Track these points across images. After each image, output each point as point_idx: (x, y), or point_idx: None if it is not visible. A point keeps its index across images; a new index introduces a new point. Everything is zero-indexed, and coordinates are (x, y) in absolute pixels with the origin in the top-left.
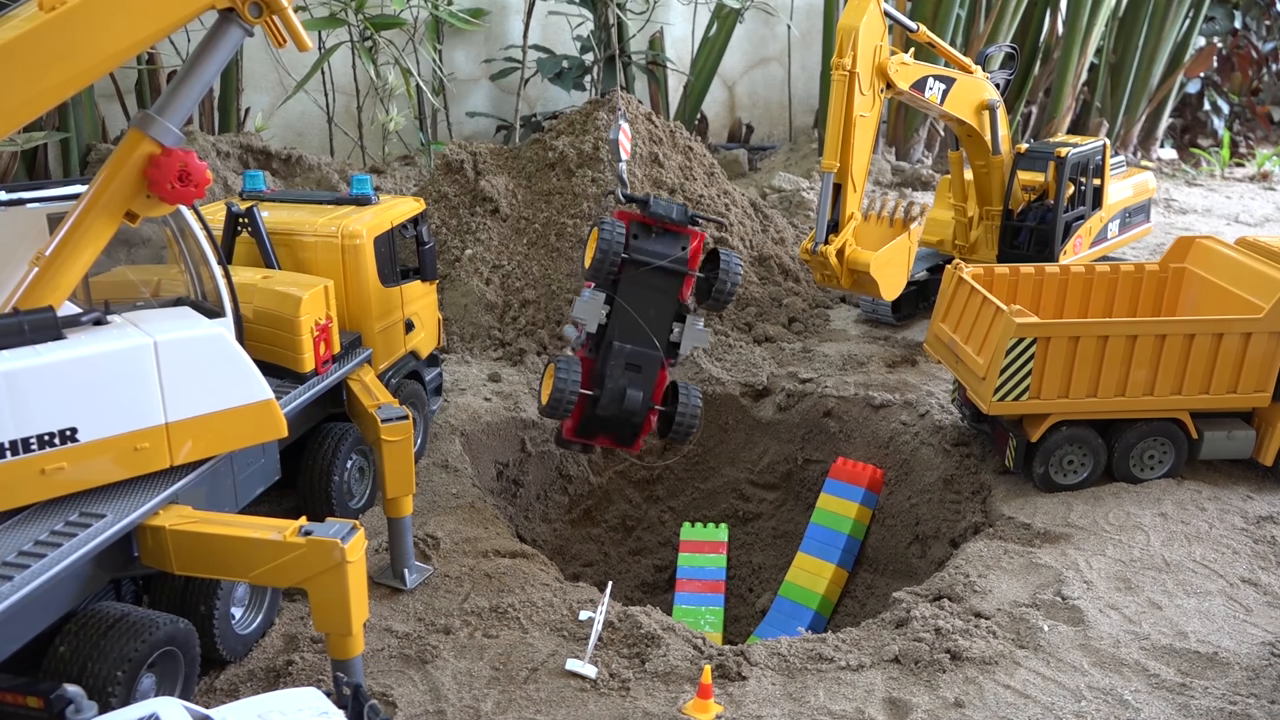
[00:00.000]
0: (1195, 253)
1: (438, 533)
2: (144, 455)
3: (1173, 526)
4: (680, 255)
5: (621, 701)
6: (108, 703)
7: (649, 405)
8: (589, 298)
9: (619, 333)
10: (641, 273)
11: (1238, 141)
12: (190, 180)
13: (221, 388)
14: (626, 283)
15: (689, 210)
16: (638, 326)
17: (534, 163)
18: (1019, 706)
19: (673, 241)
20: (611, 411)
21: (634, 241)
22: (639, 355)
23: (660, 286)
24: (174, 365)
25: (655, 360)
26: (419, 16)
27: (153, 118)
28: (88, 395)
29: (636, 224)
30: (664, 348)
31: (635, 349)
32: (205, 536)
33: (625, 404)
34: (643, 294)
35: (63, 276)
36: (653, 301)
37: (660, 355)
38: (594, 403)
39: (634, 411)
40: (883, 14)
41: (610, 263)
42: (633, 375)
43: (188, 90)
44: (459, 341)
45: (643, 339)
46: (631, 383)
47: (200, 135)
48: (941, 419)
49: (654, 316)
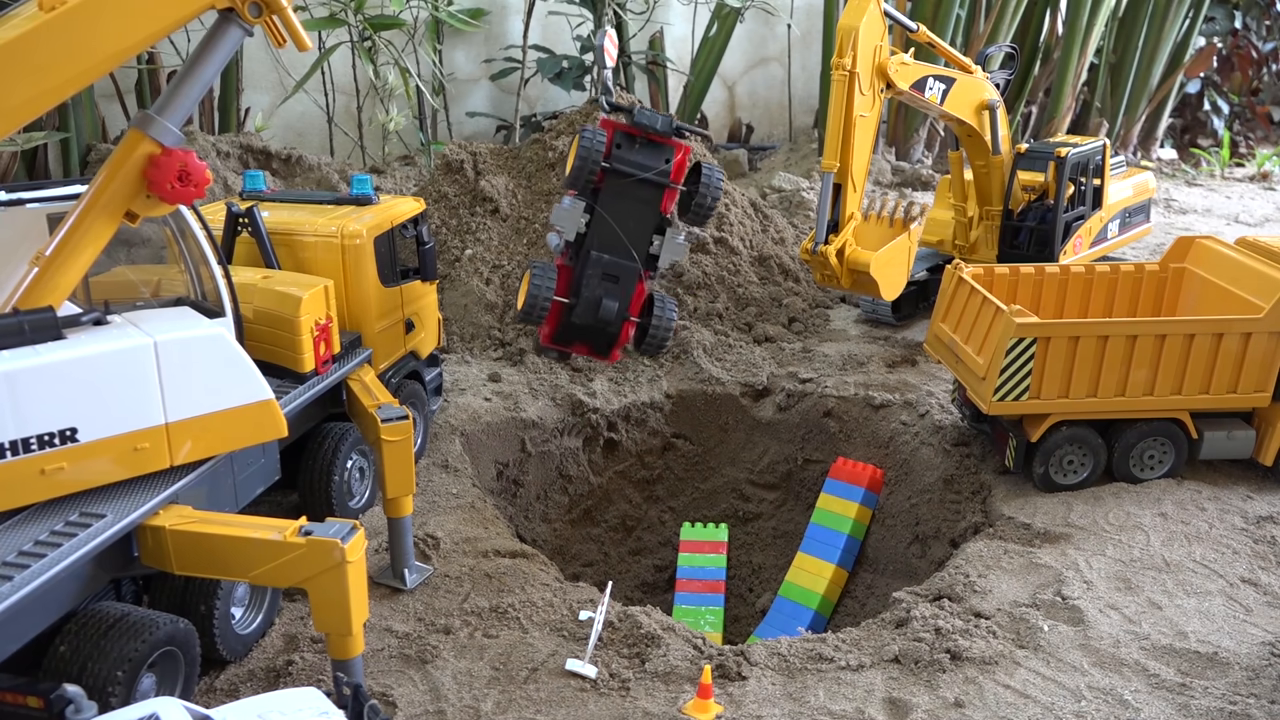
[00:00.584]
0: (1195, 253)
1: (438, 533)
2: (144, 455)
3: (1173, 526)
4: (663, 168)
5: (621, 701)
6: (108, 703)
7: (624, 316)
8: (568, 205)
9: (597, 242)
10: (623, 183)
11: (1238, 141)
12: (190, 180)
13: (221, 388)
14: (608, 193)
15: (675, 122)
16: (617, 237)
17: (534, 163)
18: (1019, 706)
19: (657, 153)
20: (587, 320)
21: (617, 151)
22: (616, 266)
23: (642, 198)
24: (174, 365)
25: (633, 272)
26: (419, 17)
27: (152, 118)
28: (87, 395)
29: (621, 134)
30: (643, 260)
31: (613, 259)
32: (205, 536)
33: (600, 313)
34: (624, 205)
35: (62, 277)
36: (633, 213)
37: (638, 267)
38: (570, 311)
39: (609, 321)
40: (883, 14)
41: (589, 170)
42: (609, 285)
43: (187, 90)
44: (459, 341)
45: (621, 250)
46: (608, 293)
47: (200, 135)
48: (941, 419)
49: (634, 228)
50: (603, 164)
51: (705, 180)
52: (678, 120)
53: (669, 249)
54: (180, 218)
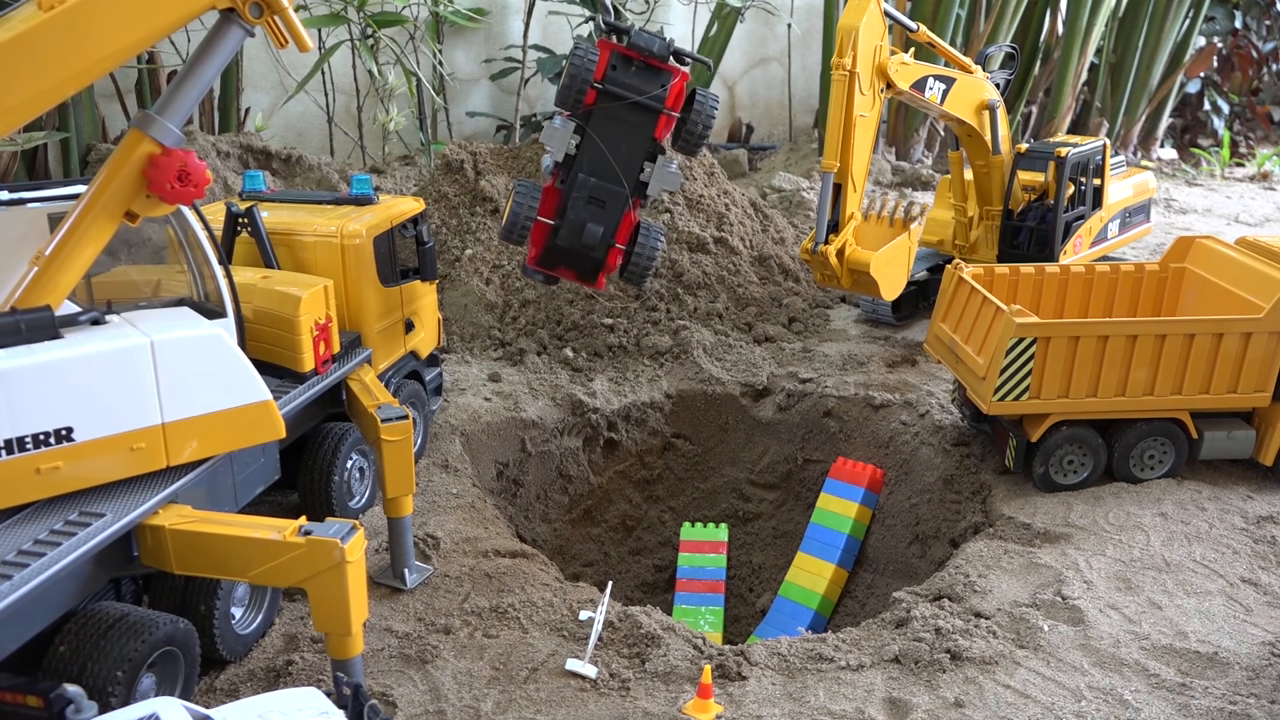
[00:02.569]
0: (1195, 253)
1: (438, 533)
2: (141, 455)
3: (1173, 526)
4: (658, 92)
5: (621, 701)
6: (108, 702)
7: (609, 242)
8: (558, 125)
9: (586, 165)
10: (615, 107)
11: (1238, 141)
12: (190, 180)
13: (219, 388)
14: (599, 116)
15: (672, 45)
16: (606, 161)
17: (534, 163)
18: (1019, 706)
19: (653, 78)
20: (571, 243)
21: (612, 74)
22: (603, 190)
23: (634, 123)
24: (171, 365)
25: (620, 197)
26: (419, 15)
27: (153, 118)
28: (83, 395)
29: (618, 55)
30: (632, 186)
31: (600, 183)
32: (205, 536)
33: (584, 237)
34: (615, 129)
35: (62, 276)
36: (625, 137)
37: (626, 192)
38: (555, 233)
39: (592, 246)
40: (883, 14)
41: (578, 89)
42: (595, 210)
43: (188, 90)
44: (459, 341)
45: (610, 174)
46: (593, 217)
47: (200, 135)
48: (941, 419)
49: (625, 153)
50: (595, 84)
51: (698, 107)
52: (676, 44)
53: (659, 177)
54: (182, 218)
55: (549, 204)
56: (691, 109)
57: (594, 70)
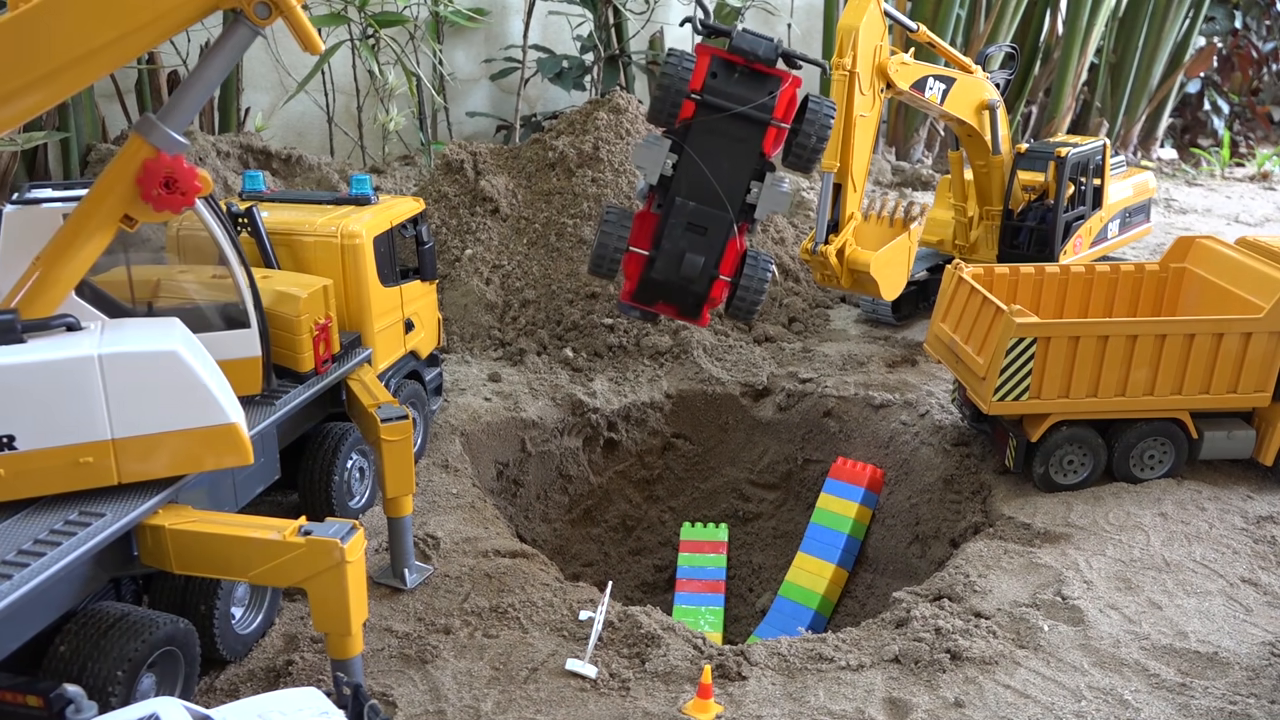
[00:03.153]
0: (1195, 253)
1: (438, 533)
2: (88, 469)
3: (1173, 526)
4: (765, 101)
5: (621, 701)
6: (108, 702)
7: (712, 273)
8: (650, 143)
9: (685, 187)
10: (717, 119)
11: (1238, 141)
12: (176, 188)
13: (174, 408)
14: (699, 130)
15: (780, 47)
16: (707, 182)
17: (534, 163)
18: (1019, 706)
19: (759, 85)
20: (668, 276)
21: (711, 82)
22: (704, 215)
23: (739, 137)
24: (120, 380)
25: (723, 222)
26: (419, 15)
27: (151, 122)
28: (25, 403)
29: (719, 61)
30: (737, 209)
31: (700, 207)
32: (205, 536)
33: (683, 269)
34: (717, 144)
35: (59, 280)
36: (729, 154)
37: (729, 217)
38: (651, 265)
39: (691, 278)
40: (883, 14)
41: (671, 102)
42: (695, 237)
43: (191, 94)
44: (459, 341)
45: (711, 197)
46: (692, 246)
47: (200, 135)
48: (941, 419)
49: (728, 172)
50: (693, 95)
51: (811, 117)
52: (783, 45)
53: (768, 197)
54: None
55: (643, 232)
56: (804, 118)
57: (689, 79)
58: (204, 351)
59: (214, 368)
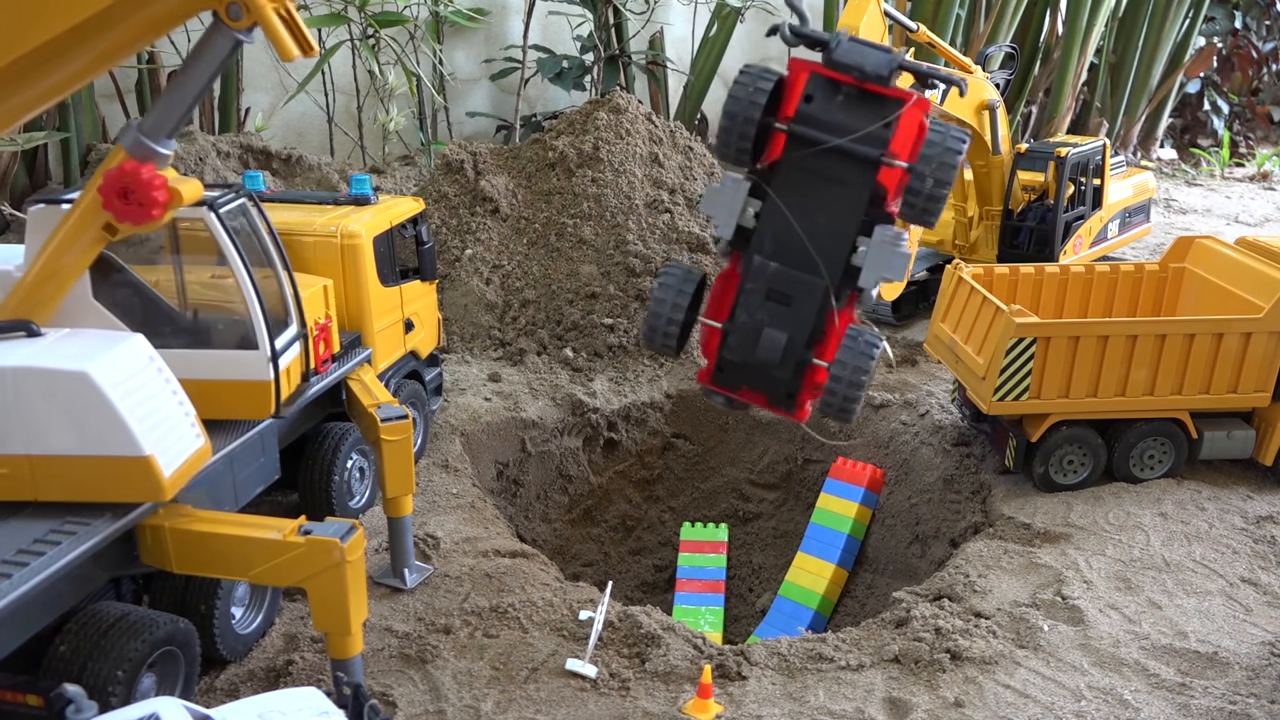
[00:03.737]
0: (1195, 253)
1: (438, 533)
2: (6, 481)
3: (1173, 526)
4: (877, 131)
5: (621, 701)
6: (108, 702)
7: (800, 355)
8: (725, 187)
9: (769, 245)
10: (812, 156)
11: (1238, 141)
12: (133, 199)
13: (83, 432)
14: (788, 170)
15: (898, 59)
16: (795, 237)
17: (534, 163)
18: (1019, 706)
19: (872, 110)
20: (745, 357)
21: (806, 107)
22: (789, 280)
23: (842, 179)
24: (30, 397)
25: (813, 290)
26: (419, 15)
27: (128, 127)
28: None
29: (819, 80)
30: (837, 273)
31: (784, 270)
32: (205, 535)
33: (759, 349)
34: (813, 189)
35: (47, 282)
36: (828, 202)
37: (822, 283)
38: (725, 341)
39: (772, 362)
40: (882, 14)
41: (740, 134)
42: (777, 309)
43: (170, 100)
44: (459, 341)
45: (802, 257)
46: (775, 319)
47: (200, 135)
48: (941, 419)
49: (825, 224)
50: (779, 125)
51: (928, 152)
52: (904, 56)
53: (878, 258)
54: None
55: (723, 299)
56: (919, 152)
57: (763, 102)
58: (152, 374)
59: (158, 393)
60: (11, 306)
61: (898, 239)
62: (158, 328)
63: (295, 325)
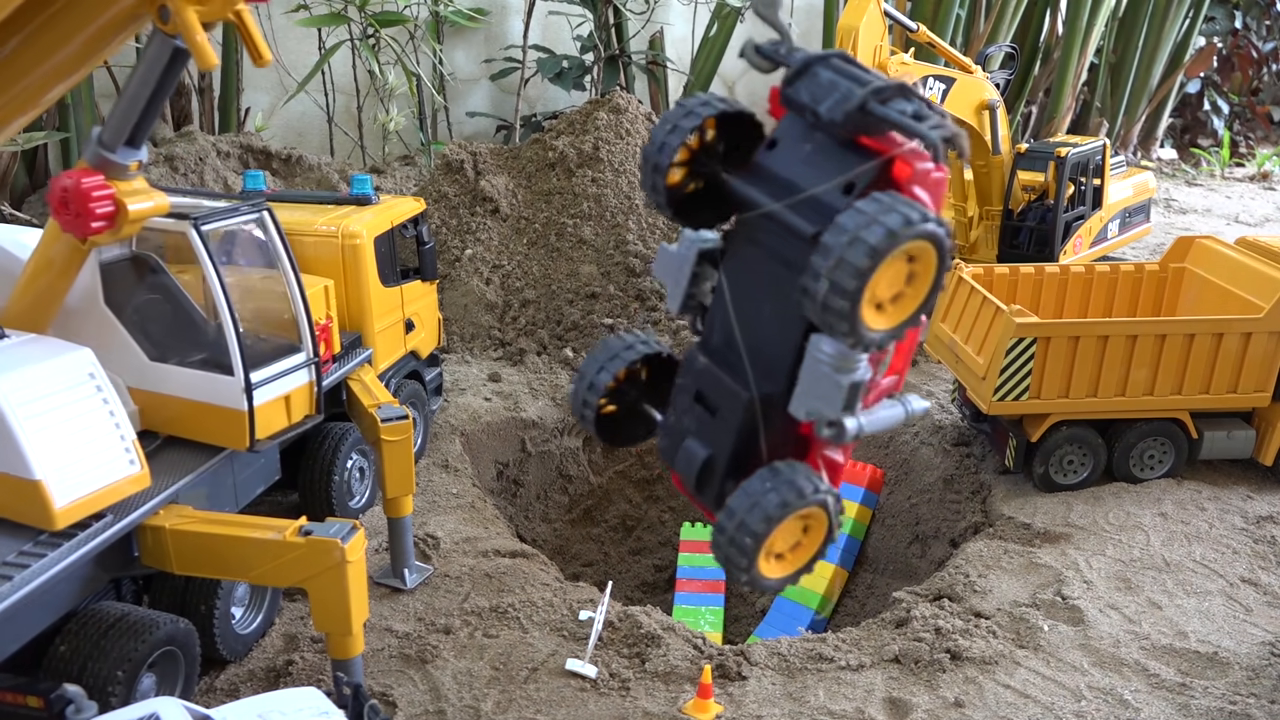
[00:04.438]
0: (1195, 253)
1: (438, 533)
2: None
3: (1173, 526)
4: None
5: (621, 701)
6: (108, 702)
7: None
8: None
9: (716, 331)
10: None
11: (1238, 141)
12: (69, 209)
13: None
14: (738, 238)
15: (869, 102)
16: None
17: (534, 163)
18: (1019, 706)
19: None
20: (669, 461)
21: (765, 156)
22: (717, 384)
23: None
24: None
25: (736, 402)
26: (419, 15)
27: (90, 137)
28: None
29: (793, 120)
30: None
31: (714, 370)
32: (205, 536)
33: (676, 462)
34: (760, 266)
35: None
36: (775, 285)
37: (746, 396)
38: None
39: (689, 482)
40: (883, 14)
41: (652, 186)
42: (704, 416)
43: (119, 108)
44: (459, 341)
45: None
46: (700, 428)
47: (200, 135)
48: (941, 419)
49: (771, 315)
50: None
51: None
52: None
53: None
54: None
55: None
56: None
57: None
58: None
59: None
60: (12, 308)
61: (841, 360)
62: (171, 341)
63: (305, 352)
